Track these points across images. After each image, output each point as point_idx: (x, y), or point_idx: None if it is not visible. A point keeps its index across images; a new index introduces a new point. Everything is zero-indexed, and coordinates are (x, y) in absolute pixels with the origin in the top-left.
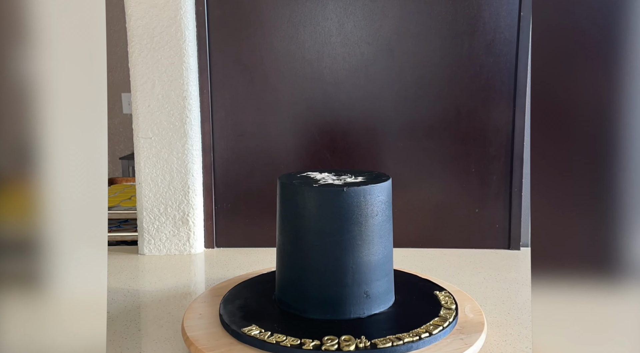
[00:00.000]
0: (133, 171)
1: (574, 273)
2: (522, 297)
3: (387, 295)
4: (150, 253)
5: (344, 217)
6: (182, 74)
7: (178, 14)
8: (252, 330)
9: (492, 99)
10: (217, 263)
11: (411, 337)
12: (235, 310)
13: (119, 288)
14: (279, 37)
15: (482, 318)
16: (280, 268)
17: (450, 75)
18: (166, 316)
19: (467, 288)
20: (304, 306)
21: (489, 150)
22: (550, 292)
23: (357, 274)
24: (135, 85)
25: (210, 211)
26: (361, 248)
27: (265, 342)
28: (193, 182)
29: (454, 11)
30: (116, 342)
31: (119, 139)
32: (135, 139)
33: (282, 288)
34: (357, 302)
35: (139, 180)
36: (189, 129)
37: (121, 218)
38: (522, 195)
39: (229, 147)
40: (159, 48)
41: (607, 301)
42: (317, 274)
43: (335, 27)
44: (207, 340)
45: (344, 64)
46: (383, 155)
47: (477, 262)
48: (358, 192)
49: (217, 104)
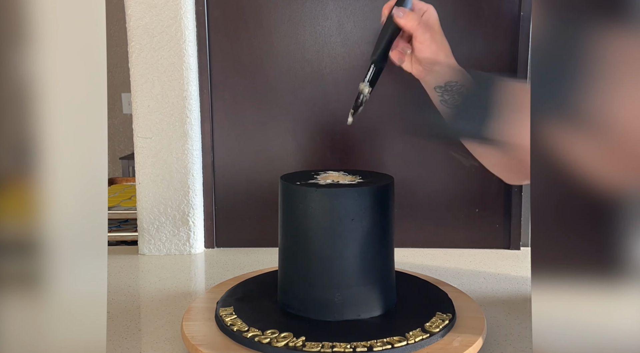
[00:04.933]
0: (133, 171)
1: (574, 273)
2: (522, 297)
3: (390, 295)
4: (150, 253)
5: (351, 217)
6: (182, 74)
7: (178, 14)
8: (267, 335)
9: None
10: (217, 263)
11: (427, 332)
12: (241, 316)
13: (119, 288)
14: (279, 37)
15: (481, 319)
16: (282, 270)
17: None
18: (166, 316)
19: (467, 288)
20: (308, 307)
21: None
22: (550, 292)
23: (363, 275)
24: (135, 85)
25: (210, 211)
26: (368, 249)
27: (271, 345)
28: (193, 182)
29: (454, 11)
30: (116, 342)
31: (119, 139)
32: (135, 138)
33: (287, 290)
34: (363, 303)
35: (139, 180)
36: (189, 129)
37: (121, 218)
38: (522, 195)
39: (229, 147)
40: (159, 48)
41: (608, 301)
42: (323, 275)
43: (335, 27)
44: (208, 341)
45: (344, 63)
46: (383, 155)
47: (477, 262)
48: (364, 191)
49: (217, 104)
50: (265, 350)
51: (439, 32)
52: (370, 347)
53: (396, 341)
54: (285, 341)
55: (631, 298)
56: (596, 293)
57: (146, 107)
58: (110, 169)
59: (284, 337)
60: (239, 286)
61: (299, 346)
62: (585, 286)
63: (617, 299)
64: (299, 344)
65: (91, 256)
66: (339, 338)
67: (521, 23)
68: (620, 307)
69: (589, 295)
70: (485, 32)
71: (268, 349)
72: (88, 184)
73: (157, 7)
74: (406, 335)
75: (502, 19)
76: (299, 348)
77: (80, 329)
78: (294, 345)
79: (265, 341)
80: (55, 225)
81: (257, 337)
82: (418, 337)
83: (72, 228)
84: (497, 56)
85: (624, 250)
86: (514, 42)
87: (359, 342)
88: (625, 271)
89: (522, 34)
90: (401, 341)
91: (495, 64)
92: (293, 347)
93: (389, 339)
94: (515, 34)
